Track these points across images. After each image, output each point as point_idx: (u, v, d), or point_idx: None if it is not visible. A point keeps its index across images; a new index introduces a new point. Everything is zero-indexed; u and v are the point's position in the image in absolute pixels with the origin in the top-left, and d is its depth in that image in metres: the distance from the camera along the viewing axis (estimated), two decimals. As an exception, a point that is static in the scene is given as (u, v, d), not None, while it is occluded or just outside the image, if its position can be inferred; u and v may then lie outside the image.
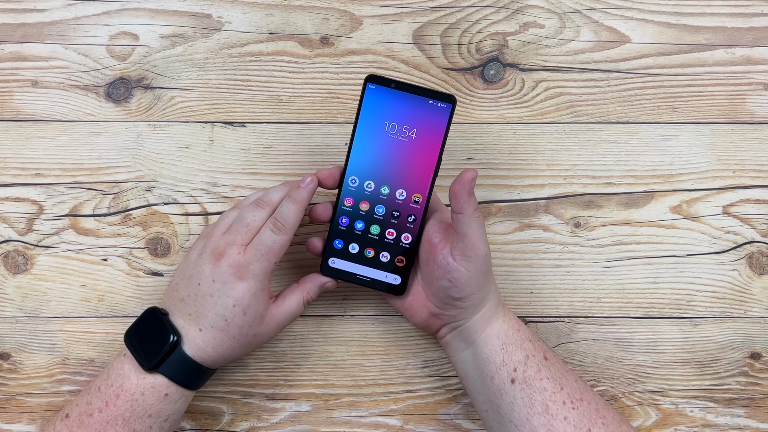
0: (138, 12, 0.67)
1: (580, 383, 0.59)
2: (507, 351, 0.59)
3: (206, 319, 0.57)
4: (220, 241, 0.58)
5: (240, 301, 0.57)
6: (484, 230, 0.57)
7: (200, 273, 0.57)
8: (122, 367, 0.58)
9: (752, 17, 0.68)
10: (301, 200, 0.58)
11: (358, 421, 0.68)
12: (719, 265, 0.67)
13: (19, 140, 0.67)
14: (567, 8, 0.68)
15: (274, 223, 0.57)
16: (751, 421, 0.68)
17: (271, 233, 0.57)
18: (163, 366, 0.57)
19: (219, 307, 0.57)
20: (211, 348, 0.58)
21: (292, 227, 0.58)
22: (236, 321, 0.57)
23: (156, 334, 0.58)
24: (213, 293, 0.57)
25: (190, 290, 0.58)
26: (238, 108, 0.67)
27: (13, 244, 0.67)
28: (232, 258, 0.57)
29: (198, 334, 0.57)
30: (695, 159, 0.68)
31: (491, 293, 0.60)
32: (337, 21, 0.67)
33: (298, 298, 0.61)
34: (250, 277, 0.57)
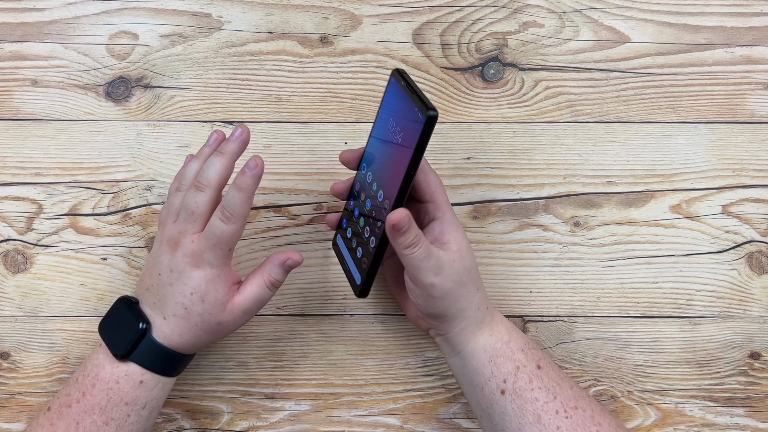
0: (138, 11, 0.67)
1: (576, 390, 0.59)
2: (495, 363, 0.58)
3: (168, 307, 0.57)
4: (173, 230, 0.57)
5: (197, 288, 0.56)
6: (424, 262, 0.54)
7: (160, 263, 0.57)
8: (97, 357, 0.59)
9: (752, 17, 0.68)
10: (247, 188, 0.55)
11: (358, 420, 0.68)
12: (719, 264, 0.67)
13: (18, 139, 0.67)
14: (567, 8, 0.68)
15: (222, 212, 0.55)
16: (750, 421, 0.68)
17: (220, 222, 0.55)
18: (135, 354, 0.57)
19: (178, 296, 0.57)
20: (177, 336, 0.58)
21: (242, 216, 0.55)
22: (196, 309, 0.57)
23: (126, 323, 0.58)
24: (172, 282, 0.57)
25: (153, 280, 0.58)
26: (237, 107, 0.67)
27: (13, 243, 0.67)
28: (186, 247, 0.56)
29: (163, 323, 0.58)
30: (695, 158, 0.68)
31: (470, 310, 0.58)
32: (337, 20, 0.68)
33: (258, 281, 0.59)
34: (205, 264, 0.56)
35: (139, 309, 0.59)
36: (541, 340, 0.67)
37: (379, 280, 0.67)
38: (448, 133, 0.68)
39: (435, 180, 0.58)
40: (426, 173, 0.58)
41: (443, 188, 0.59)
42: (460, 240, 0.58)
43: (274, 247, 0.67)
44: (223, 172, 0.57)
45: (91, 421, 0.57)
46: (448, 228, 0.58)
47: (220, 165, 0.56)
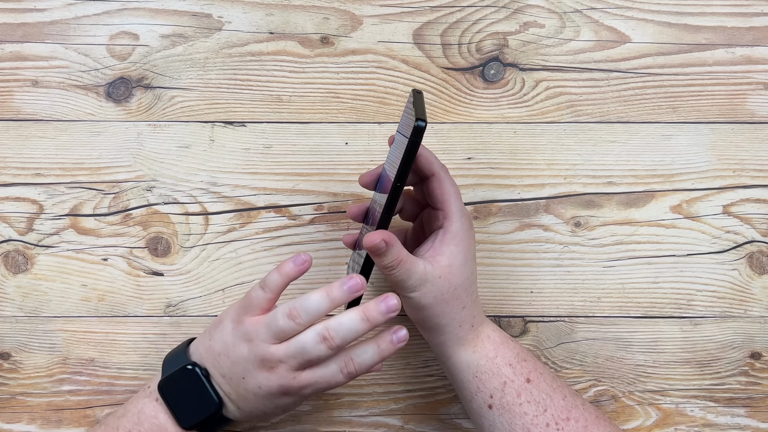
0: (138, 12, 0.67)
1: (569, 400, 0.58)
2: (480, 379, 0.58)
3: (246, 405, 0.56)
4: (274, 355, 0.54)
5: (284, 407, 0.57)
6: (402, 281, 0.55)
7: (246, 370, 0.55)
8: (156, 416, 0.57)
9: (752, 17, 0.68)
10: (384, 356, 0.55)
11: (359, 420, 0.68)
12: (719, 264, 0.67)
13: (19, 140, 0.67)
14: (567, 8, 0.68)
15: (347, 364, 0.54)
16: (751, 421, 0.68)
17: (338, 374, 0.54)
18: (202, 426, 0.57)
19: (261, 405, 0.56)
20: (247, 419, 0.58)
21: (362, 372, 0.55)
22: (276, 413, 0.57)
23: (199, 396, 0.57)
24: (257, 394, 0.55)
25: (234, 375, 0.56)
26: (238, 108, 0.67)
27: (14, 244, 0.67)
28: (285, 380, 0.54)
29: (237, 410, 0.57)
30: (695, 158, 0.68)
31: (450, 326, 0.58)
32: (338, 21, 0.68)
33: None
34: (298, 396, 0.56)
35: (213, 385, 0.57)
36: (541, 340, 0.67)
37: (380, 279, 0.67)
38: (448, 134, 0.68)
39: (450, 188, 0.57)
40: (441, 181, 0.57)
41: (458, 198, 0.57)
42: (455, 255, 0.56)
43: (275, 247, 0.67)
44: (357, 337, 0.54)
45: None
46: (448, 240, 0.56)
47: (362, 332, 0.54)
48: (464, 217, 0.57)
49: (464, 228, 0.57)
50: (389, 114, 0.67)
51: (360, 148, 0.65)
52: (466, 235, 0.57)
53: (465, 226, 0.57)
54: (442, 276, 0.56)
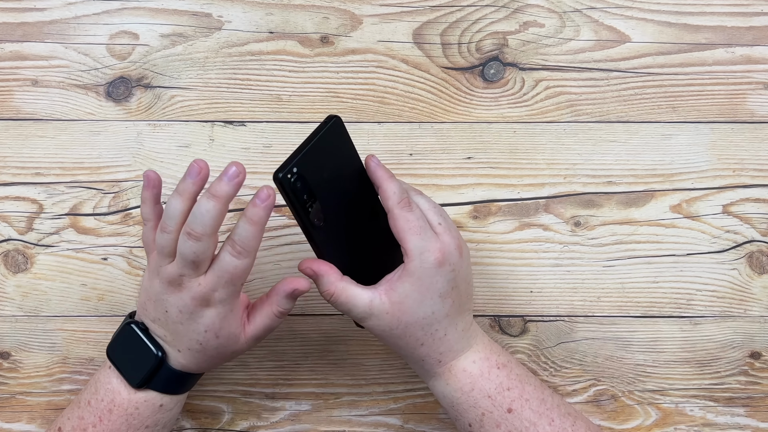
0: (138, 11, 0.67)
1: (556, 425, 0.57)
2: (457, 410, 0.57)
3: (182, 342, 0.56)
4: (173, 271, 0.53)
5: (210, 326, 0.55)
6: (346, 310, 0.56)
7: (165, 301, 0.55)
8: (110, 381, 0.58)
9: (752, 16, 0.68)
10: (260, 221, 0.51)
11: (358, 420, 0.68)
12: (719, 264, 0.67)
13: (19, 139, 0.67)
14: (567, 7, 0.68)
15: (233, 246, 0.52)
16: (751, 421, 0.68)
17: (232, 258, 0.52)
18: (153, 383, 0.57)
19: (191, 333, 0.55)
20: (194, 365, 0.57)
21: (255, 249, 0.53)
22: (211, 344, 0.56)
23: (140, 351, 0.57)
24: (182, 322, 0.55)
25: (159, 314, 0.56)
26: (238, 107, 0.67)
27: (13, 243, 0.67)
28: (193, 290, 0.53)
29: (178, 354, 0.56)
30: (695, 158, 0.68)
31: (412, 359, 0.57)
32: (337, 20, 0.68)
33: (267, 311, 0.57)
34: (216, 303, 0.54)
35: (152, 337, 0.57)
36: (541, 340, 0.68)
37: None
38: (448, 133, 0.68)
39: (404, 225, 0.55)
40: (394, 219, 0.55)
41: (418, 234, 0.55)
42: (407, 294, 0.55)
43: (275, 246, 0.67)
44: (219, 218, 0.52)
45: None
46: (405, 277, 0.55)
47: (216, 210, 0.51)
48: (427, 254, 0.54)
49: (424, 267, 0.55)
50: (389, 114, 0.67)
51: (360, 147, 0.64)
52: (426, 273, 0.55)
53: (427, 264, 0.55)
54: (390, 312, 0.55)
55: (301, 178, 0.52)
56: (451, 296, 0.56)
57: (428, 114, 0.67)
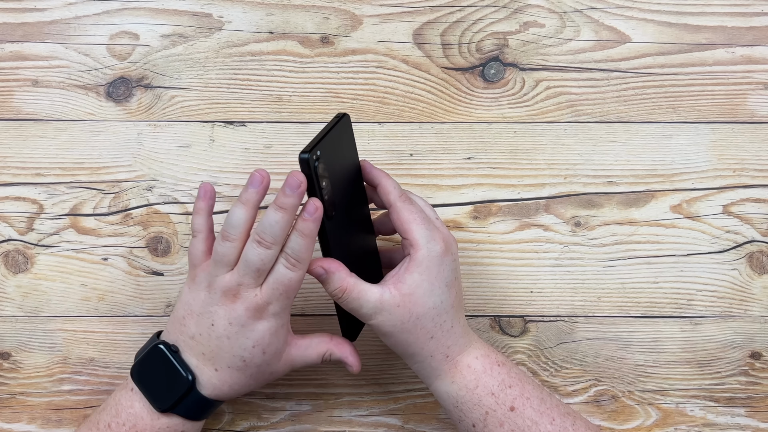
0: (138, 11, 0.67)
1: (557, 424, 0.56)
2: (461, 409, 0.57)
3: (223, 360, 0.55)
4: (231, 281, 0.54)
5: (260, 341, 0.55)
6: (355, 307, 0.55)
7: (213, 313, 0.54)
8: (132, 405, 0.57)
9: (752, 16, 0.68)
10: (310, 233, 0.53)
11: (359, 420, 0.68)
12: (719, 264, 0.67)
13: (19, 139, 0.67)
14: (567, 7, 0.68)
15: (287, 259, 0.53)
16: (751, 421, 0.68)
17: (286, 270, 0.53)
18: (178, 408, 0.56)
19: (237, 349, 0.55)
20: (227, 387, 0.56)
21: (307, 261, 0.54)
22: (255, 360, 0.55)
23: (168, 374, 0.56)
24: (230, 335, 0.54)
25: (202, 329, 0.55)
26: (238, 107, 0.67)
27: (14, 244, 0.67)
28: (249, 301, 0.54)
29: (214, 374, 0.56)
30: (695, 158, 0.68)
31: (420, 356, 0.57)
32: (338, 20, 0.68)
33: (320, 351, 0.58)
34: (270, 316, 0.54)
35: (181, 359, 0.56)
36: (541, 340, 0.68)
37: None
38: (448, 133, 0.68)
39: (409, 216, 0.55)
40: (398, 211, 0.56)
41: (424, 223, 0.56)
42: (418, 284, 0.55)
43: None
44: (287, 228, 0.53)
45: None
46: (413, 268, 0.55)
47: (285, 221, 0.53)
48: (433, 243, 0.55)
49: (432, 255, 0.55)
50: (389, 114, 0.67)
51: (360, 147, 0.64)
52: (434, 262, 0.55)
53: (434, 253, 0.55)
54: (401, 305, 0.55)
55: (321, 163, 0.53)
56: (455, 286, 0.57)
57: (428, 114, 0.68)
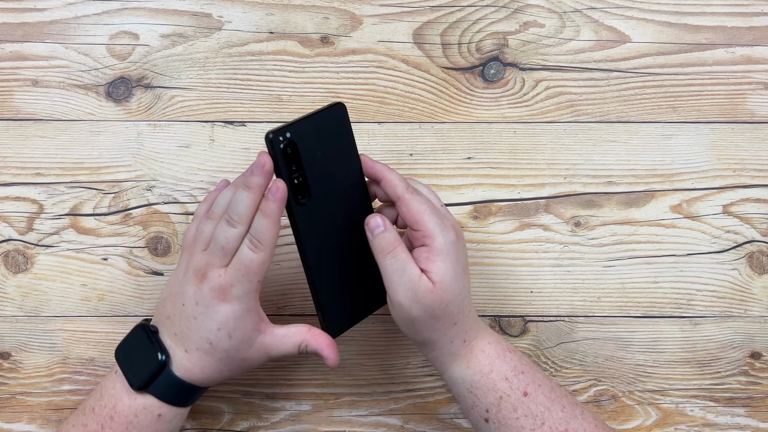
0: (138, 11, 0.67)
1: (567, 411, 0.57)
2: (476, 394, 0.57)
3: (191, 341, 0.55)
4: (201, 260, 0.55)
5: (224, 324, 0.54)
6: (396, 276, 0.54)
7: (184, 293, 0.55)
8: (114, 387, 0.57)
9: (752, 16, 0.68)
10: (272, 213, 0.53)
11: (359, 420, 0.68)
12: (719, 264, 0.67)
13: (19, 139, 0.67)
14: (567, 7, 0.68)
15: (250, 240, 0.54)
16: (751, 421, 0.68)
17: (249, 252, 0.53)
18: (152, 386, 0.56)
19: (203, 330, 0.55)
20: (198, 369, 0.56)
21: (270, 243, 0.54)
22: (222, 344, 0.55)
23: (144, 353, 0.56)
24: (197, 316, 0.55)
25: (176, 309, 0.56)
26: (238, 107, 0.67)
27: (14, 244, 0.67)
28: (213, 281, 0.54)
29: (184, 356, 0.56)
30: (695, 158, 0.68)
31: (441, 342, 0.57)
32: (338, 20, 0.68)
33: (297, 341, 0.57)
34: (233, 299, 0.54)
35: (158, 339, 0.57)
36: (541, 340, 0.68)
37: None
38: (448, 133, 0.68)
39: (419, 208, 0.55)
40: (407, 204, 0.55)
41: (434, 213, 0.55)
42: (444, 271, 0.55)
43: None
44: (253, 207, 0.54)
45: None
46: (434, 257, 0.55)
47: (249, 200, 0.54)
48: (447, 231, 0.55)
49: (449, 242, 0.55)
50: (389, 114, 0.67)
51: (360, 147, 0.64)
52: (453, 248, 0.55)
53: (450, 240, 0.55)
54: (434, 291, 0.55)
55: (292, 145, 0.53)
56: (468, 270, 0.58)
57: (428, 114, 0.68)
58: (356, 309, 0.59)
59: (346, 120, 0.56)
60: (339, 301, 0.58)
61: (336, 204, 0.56)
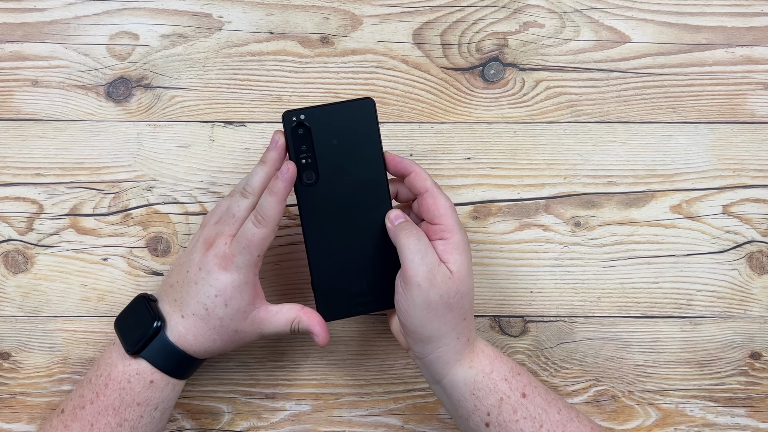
0: (138, 11, 0.67)
1: (564, 414, 0.57)
2: (477, 397, 0.57)
3: (189, 306, 0.57)
4: (212, 230, 0.58)
5: (222, 291, 0.56)
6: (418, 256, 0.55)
7: (190, 261, 0.58)
8: (110, 356, 0.59)
9: (752, 17, 0.68)
10: (278, 192, 0.56)
11: (359, 420, 0.68)
12: (719, 264, 0.67)
13: (19, 140, 0.67)
14: (567, 8, 0.68)
15: (255, 215, 0.56)
16: (751, 421, 0.68)
17: (252, 226, 0.56)
18: (146, 351, 0.57)
19: (201, 296, 0.57)
20: (192, 336, 0.57)
21: (273, 220, 0.56)
22: (217, 311, 0.57)
23: (141, 320, 0.58)
24: (198, 281, 0.57)
25: (180, 276, 0.58)
26: (238, 107, 0.67)
27: (14, 244, 0.67)
28: (219, 248, 0.57)
29: (180, 321, 0.57)
30: (695, 158, 0.68)
31: (449, 337, 0.57)
32: (337, 20, 0.68)
33: (289, 317, 0.59)
34: (233, 268, 0.56)
35: (156, 307, 0.59)
36: (541, 340, 0.68)
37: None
38: (448, 134, 0.68)
39: (446, 203, 0.57)
40: (436, 197, 0.57)
41: (454, 213, 0.58)
42: (461, 264, 0.56)
43: (275, 246, 0.67)
44: (266, 180, 0.57)
45: (106, 423, 0.57)
46: (452, 249, 0.56)
47: (263, 173, 0.57)
48: (462, 231, 0.58)
49: (465, 241, 0.57)
50: (389, 114, 0.67)
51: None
52: (466, 248, 0.57)
53: (465, 240, 0.58)
54: (451, 278, 0.56)
55: (304, 127, 0.57)
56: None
57: (428, 114, 0.68)
58: (354, 301, 0.60)
59: (373, 115, 0.58)
60: (335, 288, 0.59)
61: (348, 194, 0.58)
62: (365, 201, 0.58)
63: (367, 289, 0.59)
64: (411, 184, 0.58)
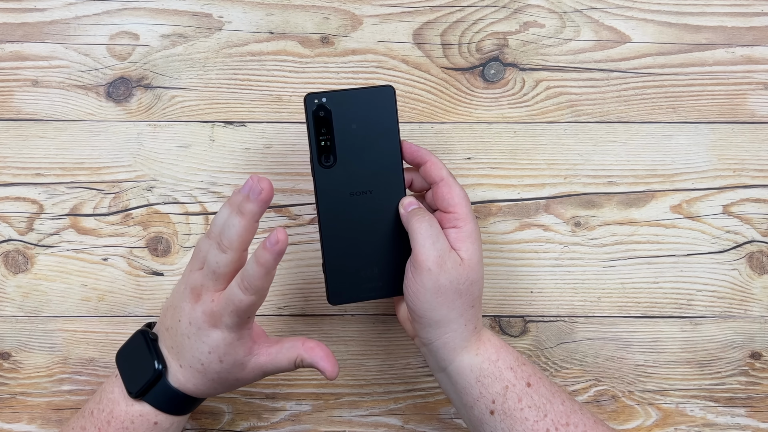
0: (138, 11, 0.67)
1: (568, 405, 0.57)
2: (483, 384, 0.57)
3: (185, 358, 0.56)
4: (197, 279, 0.55)
5: (215, 348, 0.55)
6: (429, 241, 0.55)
7: (181, 309, 0.56)
8: (112, 391, 0.57)
9: (752, 17, 0.68)
10: (266, 263, 0.52)
11: (359, 420, 0.68)
12: (719, 264, 0.67)
13: (19, 140, 0.67)
14: (567, 8, 0.68)
15: (242, 280, 0.53)
16: (751, 421, 0.68)
17: (239, 291, 0.53)
18: (149, 395, 0.56)
19: (195, 351, 0.55)
20: (191, 385, 0.56)
21: (261, 288, 0.53)
22: (213, 367, 0.55)
23: (143, 360, 0.57)
24: (190, 335, 0.55)
25: (173, 323, 0.56)
26: (238, 107, 0.67)
27: (14, 244, 0.67)
28: (206, 305, 0.54)
29: (179, 370, 0.56)
30: (695, 158, 0.68)
31: (457, 323, 0.57)
32: (338, 20, 0.68)
33: (291, 357, 0.57)
34: (223, 326, 0.54)
35: (157, 348, 0.57)
36: (541, 340, 0.68)
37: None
38: (449, 134, 0.68)
39: (459, 192, 0.58)
40: (450, 186, 0.58)
41: (468, 203, 0.58)
42: (472, 252, 0.57)
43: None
44: (244, 234, 0.53)
45: None
46: (464, 238, 0.57)
47: (240, 227, 0.53)
48: (476, 222, 0.58)
49: (477, 231, 0.58)
50: (389, 114, 0.67)
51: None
52: (478, 238, 0.58)
53: (478, 230, 0.58)
54: (462, 264, 0.56)
55: (325, 110, 0.58)
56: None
57: (428, 114, 0.68)
58: (363, 286, 0.60)
59: (392, 103, 0.58)
60: (345, 272, 0.59)
61: (363, 178, 0.58)
62: (380, 186, 0.59)
63: (377, 274, 0.59)
64: (426, 173, 0.59)
